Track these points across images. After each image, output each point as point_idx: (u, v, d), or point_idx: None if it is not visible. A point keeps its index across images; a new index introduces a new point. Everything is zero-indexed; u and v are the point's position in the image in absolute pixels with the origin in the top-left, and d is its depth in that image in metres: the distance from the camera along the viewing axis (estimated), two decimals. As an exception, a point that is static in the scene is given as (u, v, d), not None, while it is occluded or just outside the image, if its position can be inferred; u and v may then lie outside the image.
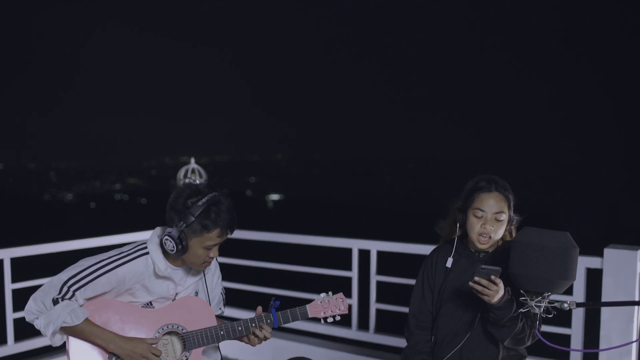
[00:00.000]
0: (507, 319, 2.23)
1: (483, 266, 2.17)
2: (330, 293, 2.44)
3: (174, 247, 2.14)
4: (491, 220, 2.35)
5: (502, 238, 2.45)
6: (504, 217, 2.37)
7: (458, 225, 2.44)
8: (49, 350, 3.94)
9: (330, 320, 2.43)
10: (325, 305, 2.42)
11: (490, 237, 2.36)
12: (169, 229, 2.15)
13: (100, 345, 2.16)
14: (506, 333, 2.27)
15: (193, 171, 4.64)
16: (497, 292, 2.16)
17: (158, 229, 2.28)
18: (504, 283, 2.22)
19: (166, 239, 2.15)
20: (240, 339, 2.37)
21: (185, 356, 2.26)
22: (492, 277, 2.15)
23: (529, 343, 2.37)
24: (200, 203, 2.11)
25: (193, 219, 2.10)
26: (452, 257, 2.47)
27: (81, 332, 2.13)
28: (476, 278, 2.17)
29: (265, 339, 2.34)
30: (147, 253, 2.22)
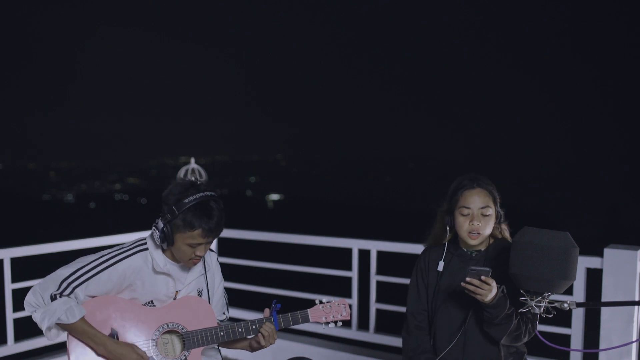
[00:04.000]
0: (501, 317, 2.23)
1: (473, 267, 2.20)
2: (332, 298, 2.45)
3: (158, 238, 2.15)
4: (478, 216, 2.37)
5: (492, 236, 2.46)
6: (491, 211, 2.38)
7: (448, 228, 2.45)
8: (49, 350, 3.93)
9: (331, 325, 2.43)
10: (327, 310, 2.42)
11: (479, 233, 2.38)
12: (157, 220, 2.17)
13: (91, 347, 2.16)
14: (502, 331, 2.28)
15: (193, 171, 4.65)
16: (490, 291, 2.18)
17: None
18: (499, 282, 2.23)
19: (154, 229, 2.17)
20: (244, 345, 2.37)
21: (185, 355, 2.26)
22: (483, 277, 2.16)
23: (525, 339, 2.38)
24: (187, 200, 2.11)
25: (177, 213, 2.11)
26: (444, 260, 2.48)
27: (75, 330, 2.13)
28: (467, 279, 2.18)
29: (271, 337, 2.30)
30: (147, 249, 2.23)
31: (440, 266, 2.48)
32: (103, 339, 2.15)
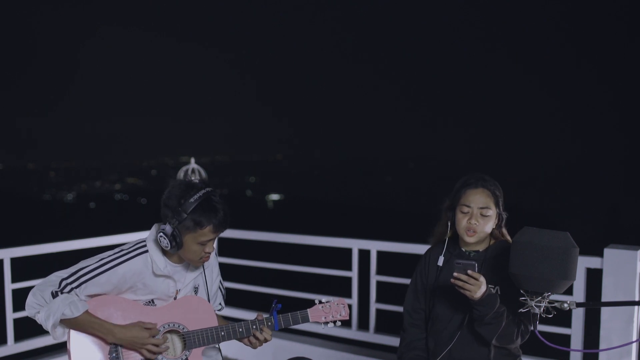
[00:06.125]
0: (490, 316, 2.23)
1: (458, 261, 2.20)
2: (331, 298, 2.46)
3: (168, 244, 2.14)
4: (476, 215, 2.38)
5: (492, 236, 2.46)
6: (490, 212, 2.39)
7: (449, 224, 2.47)
8: (49, 350, 3.93)
9: (330, 325, 2.44)
10: (327, 310, 2.43)
11: (475, 231, 2.38)
12: (163, 226, 2.16)
13: (100, 337, 2.17)
14: (492, 331, 2.27)
15: (193, 171, 4.65)
16: (478, 287, 2.17)
17: (156, 226, 2.27)
18: (500, 283, 2.23)
19: (160, 236, 2.15)
20: (240, 340, 2.37)
21: (186, 355, 2.26)
22: (469, 271, 2.16)
23: (518, 342, 2.37)
24: (192, 200, 2.11)
25: (185, 215, 2.11)
26: (444, 256, 2.49)
27: (81, 324, 2.13)
28: (455, 274, 2.18)
29: (266, 341, 2.34)
30: (147, 251, 2.22)
31: (441, 261, 2.49)
32: (110, 327, 2.15)
